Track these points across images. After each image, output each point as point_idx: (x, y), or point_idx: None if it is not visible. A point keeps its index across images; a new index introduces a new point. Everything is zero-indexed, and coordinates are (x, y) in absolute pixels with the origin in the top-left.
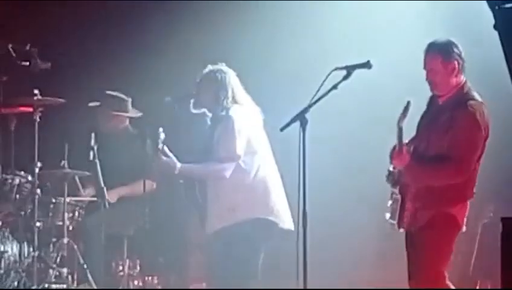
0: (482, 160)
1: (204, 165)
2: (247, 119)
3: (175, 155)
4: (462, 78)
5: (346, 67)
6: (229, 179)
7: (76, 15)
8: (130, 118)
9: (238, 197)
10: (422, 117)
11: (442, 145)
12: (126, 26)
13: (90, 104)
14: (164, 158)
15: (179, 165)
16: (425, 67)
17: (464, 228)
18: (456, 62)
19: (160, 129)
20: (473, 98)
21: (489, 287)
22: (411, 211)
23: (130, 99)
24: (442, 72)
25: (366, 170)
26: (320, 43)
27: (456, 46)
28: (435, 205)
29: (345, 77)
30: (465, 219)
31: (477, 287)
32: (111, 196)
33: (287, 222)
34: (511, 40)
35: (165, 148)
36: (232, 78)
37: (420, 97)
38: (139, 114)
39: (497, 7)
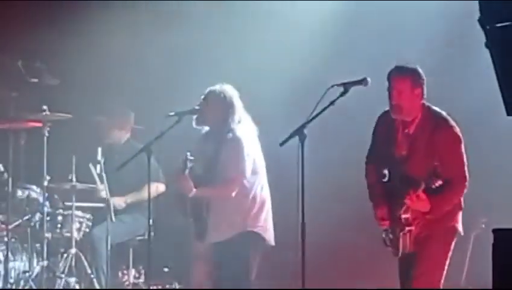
0: (475, 172)
1: (213, 188)
2: (252, 140)
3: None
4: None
5: (343, 84)
6: (234, 197)
7: (81, 34)
8: (133, 131)
9: (238, 214)
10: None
11: (427, 168)
12: (128, 43)
13: (96, 118)
14: (184, 182)
15: (194, 190)
16: (391, 90)
17: (462, 232)
18: (422, 86)
19: (188, 153)
20: (441, 114)
21: None
22: (416, 231)
23: (132, 114)
24: (410, 96)
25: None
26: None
27: (421, 73)
28: (439, 221)
29: (342, 94)
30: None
31: None
32: (119, 203)
33: (271, 238)
34: (501, 58)
35: (187, 173)
36: (235, 97)
37: None
38: (141, 127)
39: (488, 26)
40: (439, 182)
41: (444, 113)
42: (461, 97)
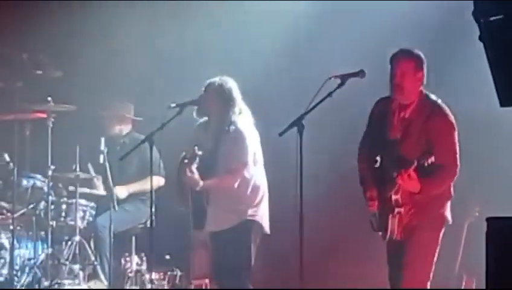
0: (469, 162)
1: (218, 180)
2: (251, 131)
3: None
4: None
5: (340, 76)
6: (234, 188)
7: (84, 26)
8: (134, 123)
9: (238, 204)
10: (379, 126)
11: (420, 151)
12: (131, 36)
13: (97, 112)
14: (191, 175)
15: (201, 183)
16: (395, 70)
17: (451, 220)
18: (424, 71)
19: (196, 147)
20: (437, 101)
21: (474, 284)
22: (405, 219)
23: (132, 106)
24: (412, 78)
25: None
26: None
27: (424, 59)
28: (428, 210)
29: (340, 85)
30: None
31: (463, 283)
32: (121, 192)
33: (267, 226)
34: (495, 51)
35: (194, 167)
36: (235, 89)
37: None
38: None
39: (482, 20)
40: (432, 159)
41: (439, 100)
42: (453, 88)
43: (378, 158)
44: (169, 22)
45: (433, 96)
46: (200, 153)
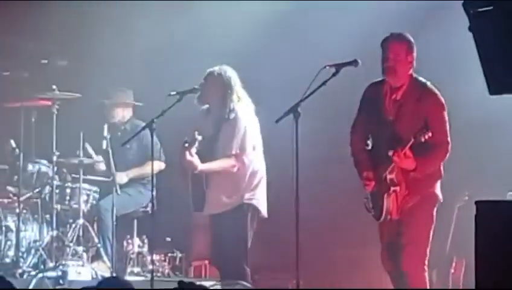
0: (458, 147)
1: (220, 165)
2: (251, 118)
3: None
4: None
5: (335, 65)
6: (232, 173)
7: (88, 16)
8: (135, 110)
9: (237, 188)
10: (370, 108)
11: (411, 132)
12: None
13: (99, 100)
14: (190, 158)
15: (200, 166)
16: (387, 53)
17: (441, 199)
18: (414, 54)
19: (196, 132)
20: (426, 83)
21: (463, 265)
22: (400, 199)
23: (131, 92)
24: (404, 61)
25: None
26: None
27: (414, 43)
28: (421, 189)
29: (334, 74)
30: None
31: (454, 264)
32: (120, 178)
33: (264, 210)
34: (484, 42)
35: (193, 150)
36: (234, 78)
37: None
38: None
39: (471, 11)
40: (429, 134)
41: (428, 82)
42: (441, 74)
43: (369, 142)
44: (170, 11)
45: (421, 79)
46: (199, 138)
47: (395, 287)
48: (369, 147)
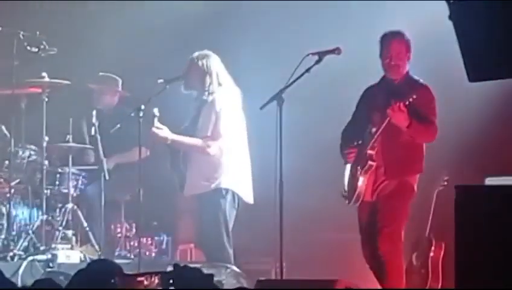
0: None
1: (193, 140)
2: (229, 102)
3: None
4: None
5: (317, 53)
6: (210, 155)
7: (77, 5)
8: (122, 96)
9: (214, 171)
10: (371, 97)
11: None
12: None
13: (87, 86)
14: (156, 130)
15: (170, 136)
16: (389, 52)
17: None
18: (410, 54)
19: (155, 109)
20: (419, 79)
21: (443, 247)
22: (377, 184)
23: (119, 80)
24: (404, 57)
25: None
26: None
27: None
28: (398, 176)
29: (317, 62)
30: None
31: (433, 247)
32: (108, 163)
33: (248, 196)
34: (464, 31)
35: (157, 122)
36: (215, 62)
37: None
38: (128, 93)
39: (451, 0)
40: (413, 97)
41: (421, 79)
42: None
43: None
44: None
45: (415, 76)
46: (157, 114)
47: (375, 275)
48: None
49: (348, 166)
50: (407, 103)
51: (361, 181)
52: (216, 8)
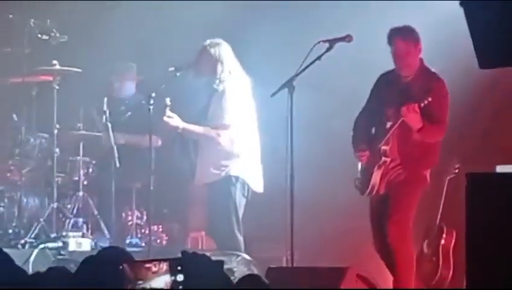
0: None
1: (204, 129)
2: (240, 90)
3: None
4: None
5: (328, 40)
6: (220, 144)
7: None
8: (137, 83)
9: (225, 160)
10: (385, 89)
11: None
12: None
13: (102, 73)
14: (168, 119)
15: (182, 124)
16: (397, 53)
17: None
18: (421, 42)
19: (167, 99)
20: (432, 69)
21: (454, 235)
22: (391, 175)
23: (134, 65)
24: (414, 53)
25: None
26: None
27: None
28: (413, 167)
29: (328, 49)
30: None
31: (444, 235)
32: (118, 139)
33: (257, 184)
34: (475, 17)
35: (168, 111)
36: (227, 51)
37: None
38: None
39: None
40: (429, 99)
41: (436, 72)
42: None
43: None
44: None
45: (430, 67)
46: (169, 104)
47: (385, 264)
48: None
49: None
50: (422, 105)
51: (375, 175)
52: None
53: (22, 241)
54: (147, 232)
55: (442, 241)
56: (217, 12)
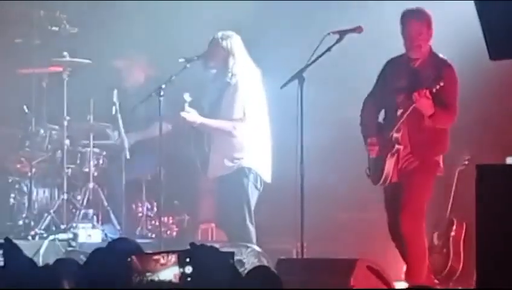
0: (460, 111)
1: (220, 123)
2: (252, 83)
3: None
4: None
5: (338, 32)
6: (235, 136)
7: None
8: (148, 74)
9: (238, 152)
10: (394, 74)
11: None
12: None
13: (113, 63)
14: (184, 114)
15: (199, 119)
16: (409, 33)
17: (443, 170)
18: (432, 27)
19: (187, 94)
20: (444, 58)
21: (464, 228)
22: (402, 163)
23: (145, 57)
24: (426, 37)
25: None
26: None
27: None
28: (425, 154)
29: (338, 41)
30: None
31: (454, 227)
32: (129, 140)
33: (266, 175)
34: (485, 9)
35: (187, 107)
36: (238, 43)
37: None
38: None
39: None
40: (441, 84)
41: (446, 58)
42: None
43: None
44: None
45: (440, 54)
46: (189, 99)
47: (401, 255)
48: (381, 120)
49: None
50: (434, 90)
51: (388, 163)
52: None
53: (32, 233)
54: (157, 223)
55: (452, 233)
56: (226, 4)
